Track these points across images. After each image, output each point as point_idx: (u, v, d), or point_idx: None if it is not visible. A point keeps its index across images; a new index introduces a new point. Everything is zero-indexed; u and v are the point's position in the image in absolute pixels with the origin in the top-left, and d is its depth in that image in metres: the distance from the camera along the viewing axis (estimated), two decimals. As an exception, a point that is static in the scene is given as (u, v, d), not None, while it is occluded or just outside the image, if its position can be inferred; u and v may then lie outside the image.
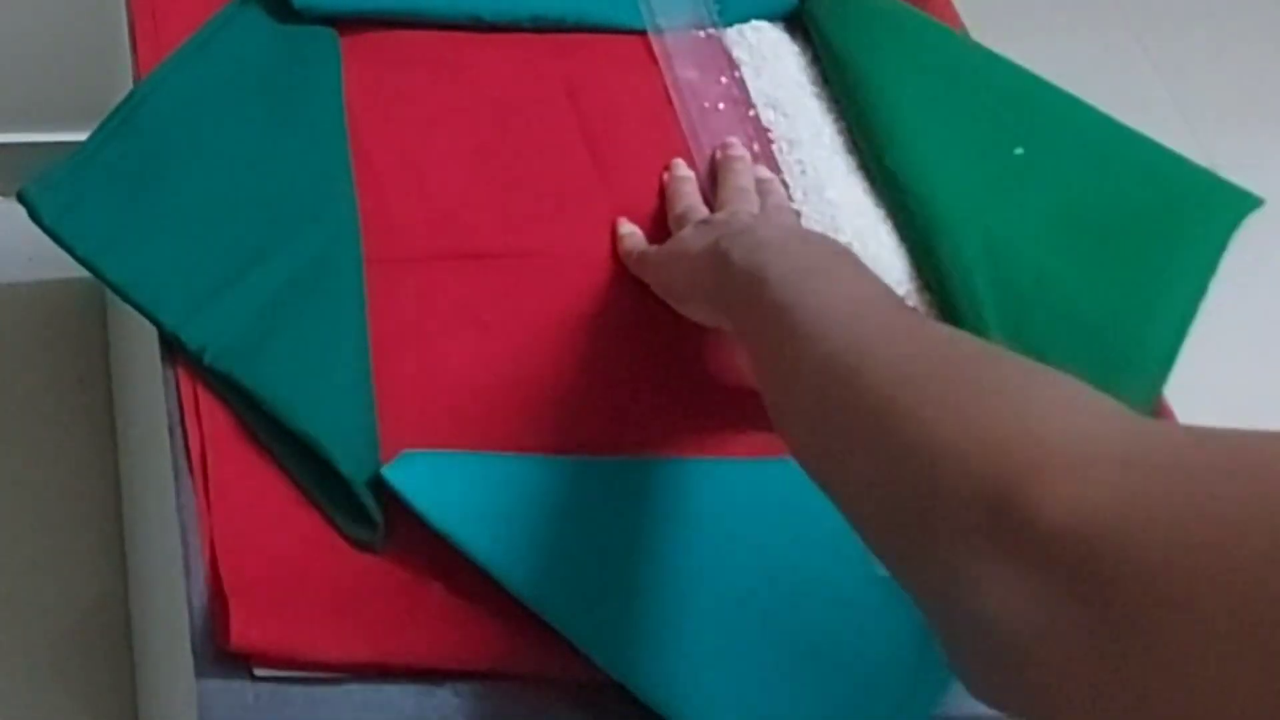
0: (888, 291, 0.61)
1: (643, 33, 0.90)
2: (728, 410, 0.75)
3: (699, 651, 0.66)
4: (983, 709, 0.68)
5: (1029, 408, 0.45)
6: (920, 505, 0.46)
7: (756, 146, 0.87)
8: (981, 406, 0.46)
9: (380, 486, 0.66)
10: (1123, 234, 0.85)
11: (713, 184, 0.83)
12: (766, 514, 0.71)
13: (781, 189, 0.84)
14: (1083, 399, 0.46)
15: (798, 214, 0.84)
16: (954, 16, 0.96)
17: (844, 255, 0.65)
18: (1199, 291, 0.84)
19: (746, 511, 0.71)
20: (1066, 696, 0.40)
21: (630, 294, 0.78)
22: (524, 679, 0.65)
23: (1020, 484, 0.42)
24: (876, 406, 0.50)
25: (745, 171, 0.82)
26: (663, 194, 0.83)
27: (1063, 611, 0.39)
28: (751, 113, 0.89)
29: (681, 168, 0.83)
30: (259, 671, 0.62)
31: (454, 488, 0.67)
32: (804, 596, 0.69)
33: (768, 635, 0.67)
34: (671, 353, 0.77)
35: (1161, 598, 0.37)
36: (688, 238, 0.73)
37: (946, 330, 0.55)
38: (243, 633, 0.61)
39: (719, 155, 0.84)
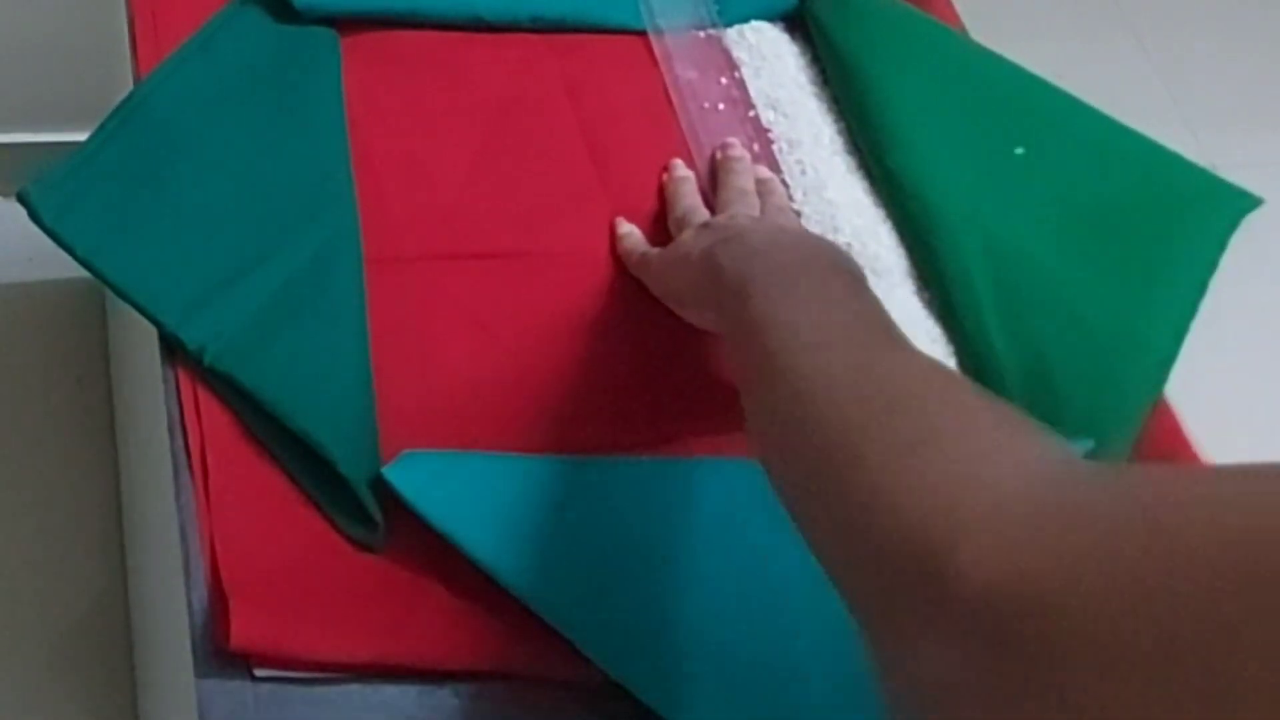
0: (867, 311, 0.61)
1: (642, 33, 0.90)
2: (727, 410, 0.75)
3: (698, 651, 0.66)
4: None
5: (956, 465, 0.46)
6: (860, 553, 0.47)
7: (756, 147, 0.87)
8: (916, 458, 0.47)
9: (380, 486, 0.66)
10: (1122, 234, 0.85)
11: (713, 184, 0.83)
12: (766, 514, 0.71)
13: (782, 189, 0.84)
14: (1015, 447, 0.46)
15: (798, 214, 0.84)
16: (954, 16, 0.96)
17: (833, 268, 0.65)
18: (1198, 291, 0.84)
19: (746, 512, 0.71)
20: None
21: (630, 294, 0.78)
22: (524, 679, 0.65)
23: (941, 547, 0.42)
24: (827, 449, 0.51)
25: (745, 172, 0.82)
26: (662, 194, 0.83)
27: (980, 672, 0.40)
28: (751, 113, 0.89)
29: (681, 168, 0.83)
30: (259, 671, 0.62)
31: (454, 488, 0.67)
32: (803, 597, 0.68)
33: (767, 635, 0.67)
34: (671, 353, 0.77)
35: (1070, 655, 0.37)
36: (687, 242, 0.73)
37: (906, 364, 0.55)
38: (243, 633, 0.61)
39: (719, 156, 0.84)
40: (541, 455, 0.71)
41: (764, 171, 0.84)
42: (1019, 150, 0.86)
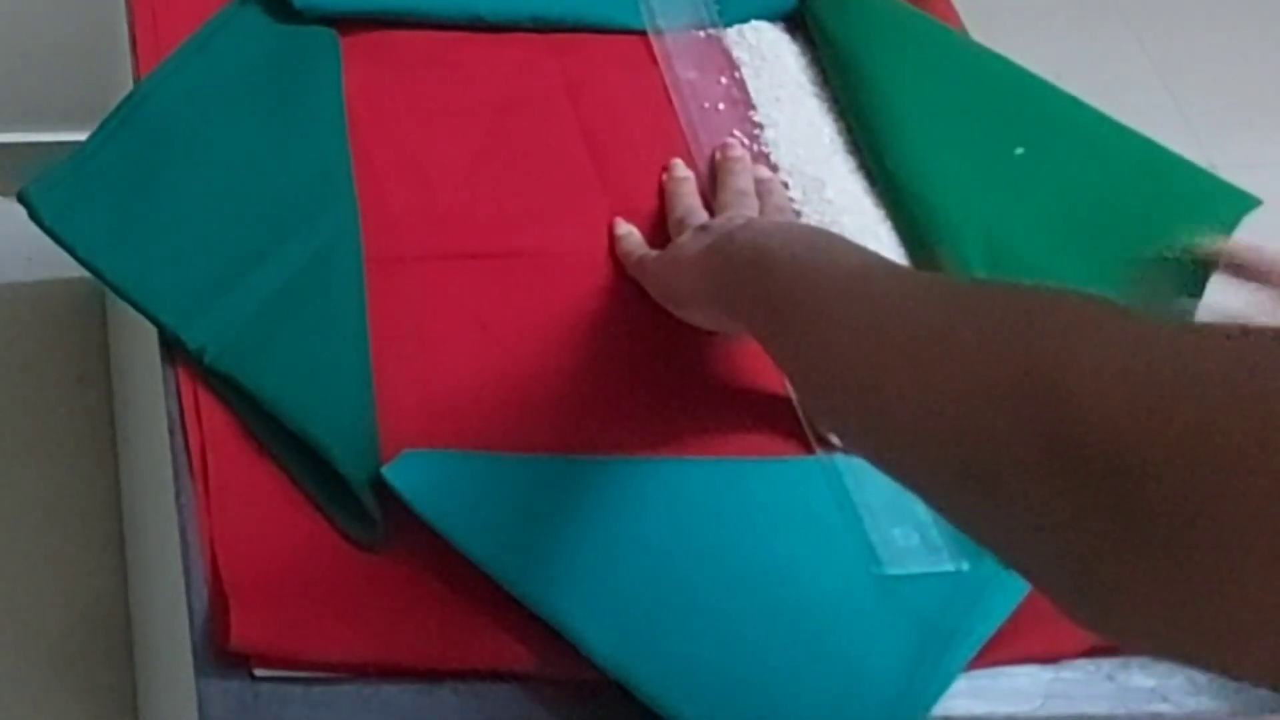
0: (889, 260, 0.61)
1: (643, 33, 0.91)
2: (726, 410, 0.75)
3: (697, 651, 0.66)
4: (980, 709, 0.68)
5: (1056, 340, 0.45)
6: (970, 445, 0.46)
7: (756, 147, 0.87)
8: (1012, 341, 0.46)
9: (380, 486, 0.66)
10: (1122, 233, 0.85)
11: (712, 184, 0.83)
12: (764, 514, 0.71)
13: (781, 190, 0.83)
14: (1111, 314, 0.46)
15: (797, 214, 0.83)
16: (954, 16, 0.96)
17: (841, 237, 0.66)
18: (1199, 291, 0.84)
19: (744, 512, 0.71)
20: (1119, 602, 0.41)
21: (630, 294, 0.78)
22: (524, 679, 0.65)
23: (1061, 411, 0.42)
24: (913, 356, 0.50)
25: (744, 173, 0.82)
26: (662, 194, 0.83)
27: (1105, 521, 0.41)
28: (751, 113, 0.89)
29: (680, 169, 0.83)
30: (259, 671, 0.62)
31: (454, 488, 0.67)
32: (801, 596, 0.68)
33: (765, 635, 0.67)
34: (670, 352, 0.77)
35: (1197, 520, 0.38)
36: (685, 244, 0.73)
37: (953, 279, 0.55)
38: (243, 632, 0.61)
39: (718, 156, 0.84)
40: (541, 455, 0.71)
41: (764, 172, 0.84)
42: (1019, 150, 0.86)
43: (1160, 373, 0.41)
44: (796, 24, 0.94)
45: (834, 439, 0.72)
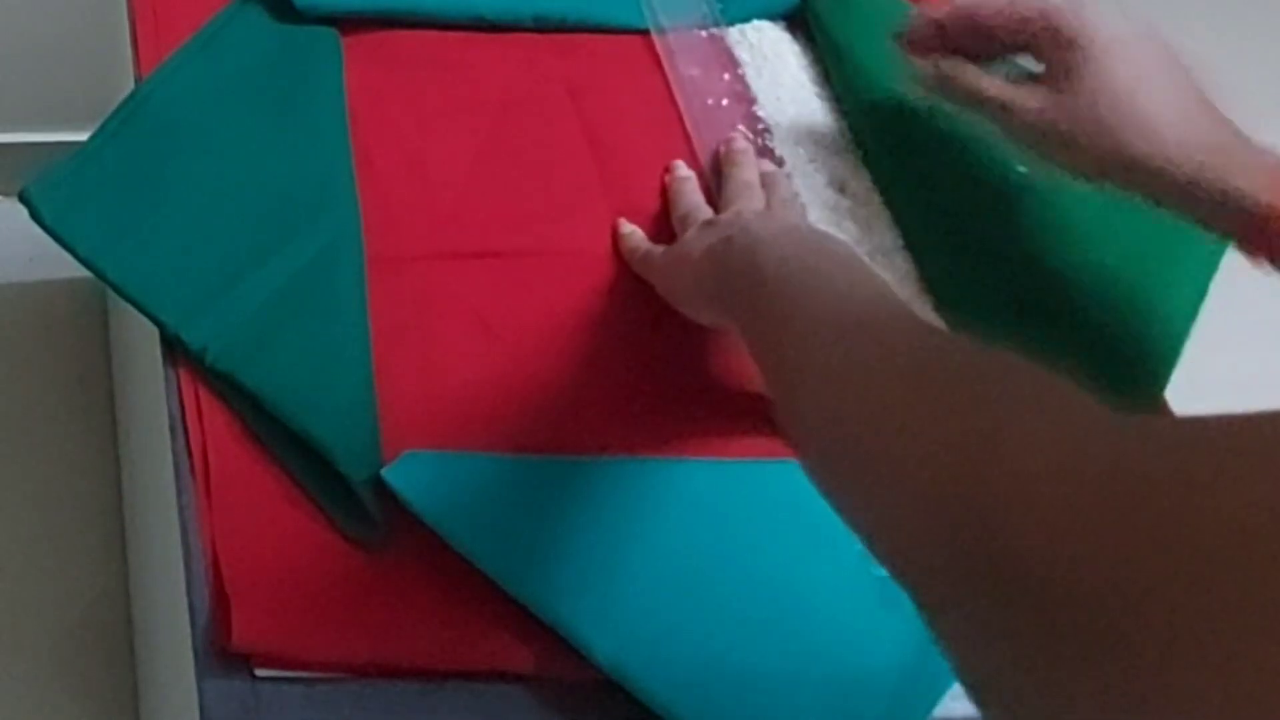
0: (883, 292, 0.61)
1: (644, 32, 0.91)
2: (728, 411, 0.75)
3: (697, 652, 0.66)
4: (976, 713, 0.68)
5: (998, 431, 0.45)
6: (903, 530, 0.47)
7: (760, 142, 0.87)
8: (956, 429, 0.46)
9: (381, 486, 0.66)
10: (1122, 235, 0.85)
11: (717, 179, 0.83)
12: (766, 516, 0.71)
13: (786, 182, 0.83)
14: (1051, 406, 0.46)
15: (804, 207, 0.83)
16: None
17: (841, 254, 0.65)
18: (1200, 292, 0.84)
19: (746, 513, 0.71)
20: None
21: (632, 294, 0.78)
22: (524, 679, 0.65)
23: (1000, 528, 0.42)
24: (870, 422, 0.51)
25: (750, 165, 0.82)
26: (664, 194, 0.83)
27: (1028, 643, 0.40)
28: (754, 109, 0.89)
29: (682, 168, 0.83)
30: (259, 671, 0.62)
31: (455, 490, 0.67)
32: (801, 598, 0.69)
33: (764, 636, 0.67)
34: (673, 353, 0.77)
35: (1127, 645, 0.37)
36: (690, 240, 0.73)
37: (935, 339, 0.55)
38: (244, 632, 0.61)
39: (722, 150, 0.84)
40: (542, 456, 0.71)
41: (768, 165, 0.84)
42: (1021, 169, 0.86)
43: (1092, 498, 0.40)
44: (798, 24, 0.94)
45: None
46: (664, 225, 0.81)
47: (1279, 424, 0.37)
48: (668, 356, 0.76)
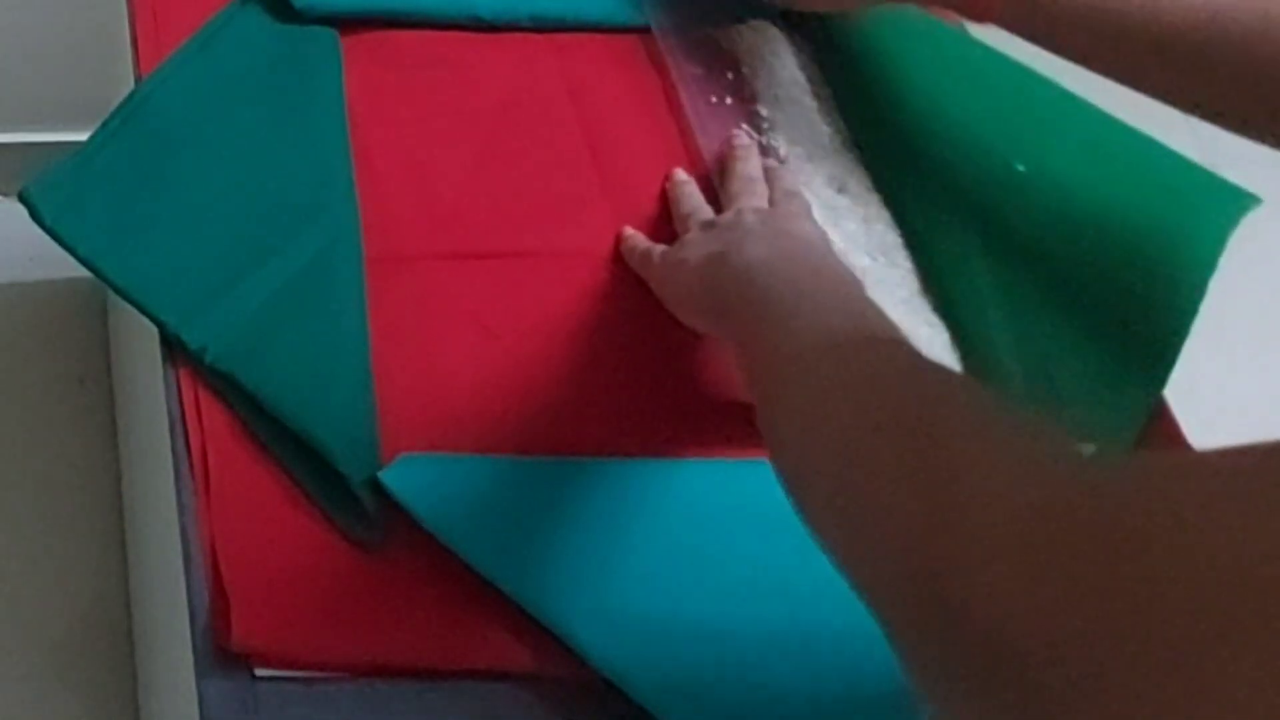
0: (866, 314, 0.61)
1: (641, 31, 0.90)
2: (727, 413, 0.75)
3: (695, 653, 0.66)
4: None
5: (956, 480, 0.46)
6: (872, 567, 0.49)
7: (762, 140, 0.87)
8: (918, 468, 0.47)
9: (380, 486, 0.66)
10: (1122, 233, 0.85)
11: (720, 176, 0.83)
12: (763, 517, 0.71)
13: (789, 175, 0.83)
14: (1027, 462, 0.46)
15: (807, 203, 0.83)
16: (955, 16, 0.96)
17: (832, 274, 0.66)
18: (1198, 291, 0.84)
19: (743, 514, 0.71)
20: None
21: (631, 294, 0.78)
22: (524, 679, 0.65)
23: (951, 579, 0.43)
24: (840, 462, 0.52)
25: (753, 160, 0.82)
26: (663, 196, 0.83)
27: (984, 702, 0.41)
28: (756, 107, 0.89)
29: (682, 175, 0.83)
30: (259, 671, 0.62)
31: (453, 492, 0.67)
32: (797, 599, 0.69)
33: (762, 637, 0.67)
34: (671, 355, 0.77)
35: (1079, 701, 0.37)
36: (690, 244, 0.73)
37: (916, 373, 0.56)
38: (244, 632, 0.61)
39: (726, 146, 0.84)
40: (540, 458, 0.71)
41: (771, 161, 0.84)
42: (1020, 167, 0.86)
43: (1036, 555, 0.41)
44: (796, 23, 0.94)
45: None
46: (663, 226, 0.81)
47: (1226, 470, 0.38)
48: (666, 357, 0.76)
